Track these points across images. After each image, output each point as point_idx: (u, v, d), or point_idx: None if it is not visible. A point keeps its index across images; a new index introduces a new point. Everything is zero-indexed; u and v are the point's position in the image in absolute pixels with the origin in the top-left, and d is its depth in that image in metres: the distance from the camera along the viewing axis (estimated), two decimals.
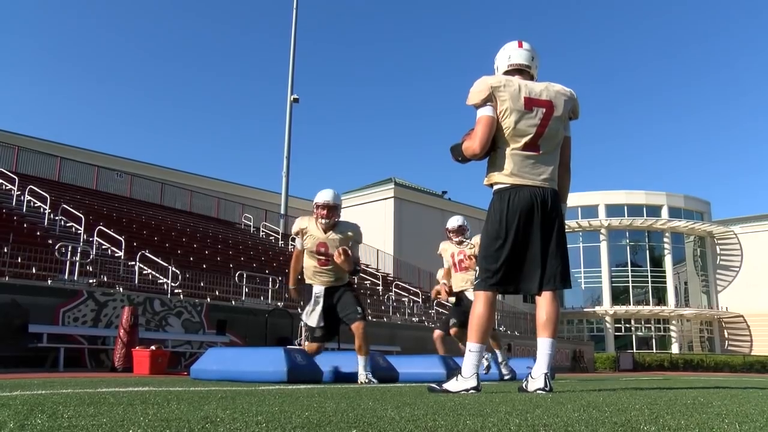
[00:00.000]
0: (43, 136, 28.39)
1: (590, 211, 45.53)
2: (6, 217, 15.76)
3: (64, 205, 17.07)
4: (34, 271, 12.01)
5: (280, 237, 26.67)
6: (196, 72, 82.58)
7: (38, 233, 14.88)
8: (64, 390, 3.20)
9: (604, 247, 45.08)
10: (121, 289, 12.40)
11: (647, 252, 45.72)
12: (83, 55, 77.24)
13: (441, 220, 40.22)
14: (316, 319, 5.46)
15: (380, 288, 23.84)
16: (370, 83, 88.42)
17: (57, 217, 16.64)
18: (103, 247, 15.26)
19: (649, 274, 45.07)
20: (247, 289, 15.62)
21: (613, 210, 45.51)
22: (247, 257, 20.00)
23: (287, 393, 3.16)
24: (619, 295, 45.05)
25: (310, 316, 5.48)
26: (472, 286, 6.62)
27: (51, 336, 10.13)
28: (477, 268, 3.51)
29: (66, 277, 12.10)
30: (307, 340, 5.62)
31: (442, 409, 2.09)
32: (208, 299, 14.03)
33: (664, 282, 44.81)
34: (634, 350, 39.72)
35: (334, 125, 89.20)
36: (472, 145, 3.43)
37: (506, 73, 3.54)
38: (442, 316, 8.44)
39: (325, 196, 5.47)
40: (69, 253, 12.58)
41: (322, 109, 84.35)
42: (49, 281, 11.54)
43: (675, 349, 42.46)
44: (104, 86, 79.03)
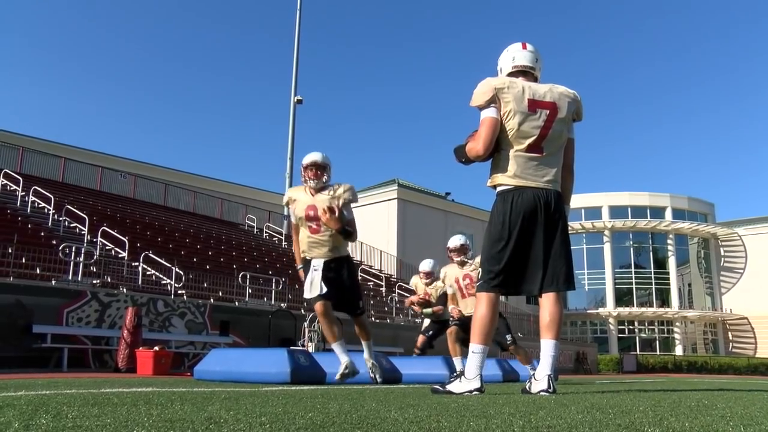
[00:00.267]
0: (47, 137, 28.53)
1: (594, 213, 45.46)
2: (10, 217, 15.81)
3: (68, 206, 17.12)
4: (38, 271, 12.05)
5: (283, 238, 26.68)
6: (200, 73, 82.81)
7: (42, 234, 14.92)
8: (68, 390, 3.21)
9: (608, 248, 45.00)
10: (125, 290, 12.43)
11: (651, 254, 45.61)
12: (87, 56, 77.52)
13: (444, 222, 40.17)
14: (318, 287, 4.90)
15: (383, 289, 23.82)
16: (373, 84, 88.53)
17: (61, 218, 16.68)
18: (107, 247, 15.30)
19: (653, 275, 44.97)
20: (250, 290, 15.64)
21: (617, 211, 45.43)
22: (250, 258, 20.02)
23: (290, 394, 3.16)
24: (623, 297, 44.95)
25: (311, 288, 4.92)
26: None
27: (55, 336, 10.16)
28: (479, 269, 3.51)
29: (70, 278, 12.13)
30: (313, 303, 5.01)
31: (446, 410, 2.09)
32: (212, 300, 14.05)
33: (668, 284, 44.70)
34: (638, 352, 39.63)
35: (337, 126, 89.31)
36: (476, 146, 3.43)
37: (510, 74, 3.54)
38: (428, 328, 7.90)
39: (312, 156, 5.00)
40: (73, 253, 12.61)
41: (326, 110, 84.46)
42: (53, 282, 11.58)
43: (679, 351, 42.34)
44: (108, 87, 79.27)
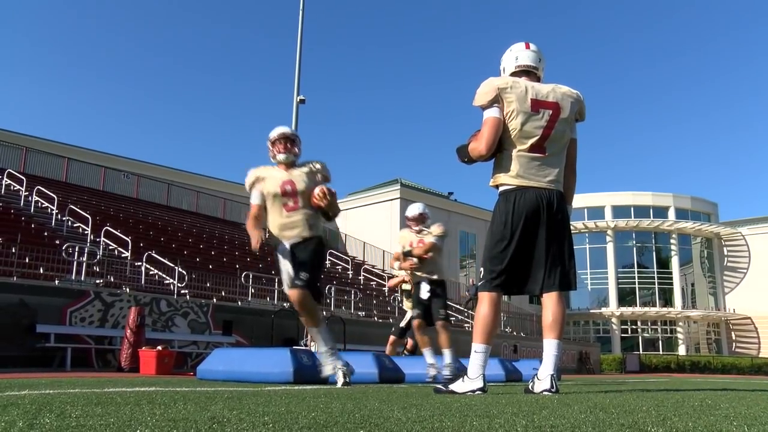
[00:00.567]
0: (51, 137, 28.52)
1: (597, 213, 45.40)
2: (14, 217, 15.85)
3: (72, 206, 17.15)
4: (41, 271, 12.08)
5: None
6: (202, 73, 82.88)
7: (46, 234, 14.96)
8: (72, 390, 3.21)
9: (611, 248, 44.93)
10: (128, 290, 12.45)
11: (654, 253, 45.53)
12: (90, 57, 77.65)
13: (447, 222, 40.08)
14: (292, 277, 4.47)
15: (386, 289, 23.82)
16: (376, 84, 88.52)
17: (64, 218, 16.72)
18: (110, 247, 15.33)
19: (656, 275, 44.89)
20: (253, 290, 15.66)
21: (620, 211, 45.36)
22: (253, 258, 20.03)
23: (293, 393, 3.16)
24: (626, 297, 44.89)
25: (290, 279, 4.51)
26: (426, 277, 6.47)
27: (58, 336, 10.18)
28: (482, 269, 3.51)
29: (73, 278, 12.16)
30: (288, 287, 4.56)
31: (449, 410, 2.09)
32: (215, 300, 14.06)
33: (671, 283, 44.62)
34: (641, 352, 39.59)
35: (340, 126, 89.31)
36: (479, 146, 3.43)
37: (513, 74, 3.54)
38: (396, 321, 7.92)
39: (281, 128, 4.59)
40: (76, 253, 12.64)
41: (328, 110, 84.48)
42: (57, 282, 11.60)
43: (682, 350, 42.27)
44: (110, 87, 79.39)
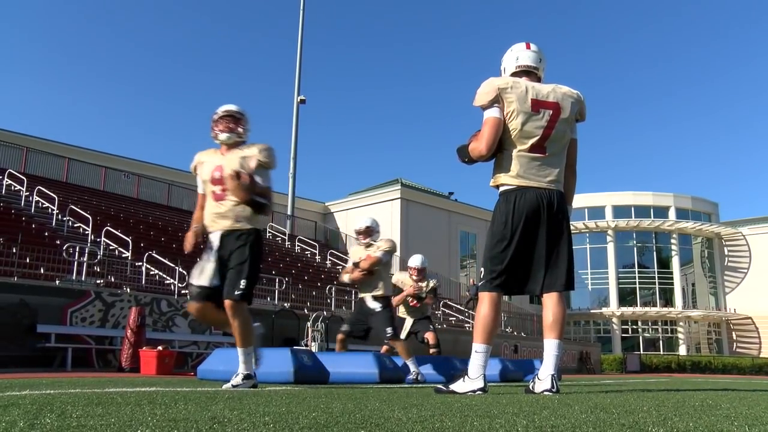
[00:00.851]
0: (51, 138, 28.50)
1: (597, 212, 45.38)
2: (14, 217, 15.86)
3: (72, 206, 17.15)
4: (42, 271, 12.08)
5: (286, 238, 26.71)
6: (203, 73, 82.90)
7: (46, 234, 14.96)
8: (73, 390, 3.22)
9: (611, 248, 44.91)
10: (129, 290, 12.44)
11: (654, 253, 45.51)
12: (90, 57, 77.67)
13: (448, 222, 40.02)
14: (208, 277, 4.03)
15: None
16: (376, 84, 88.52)
17: (65, 218, 16.72)
18: (111, 247, 15.32)
19: (657, 275, 44.87)
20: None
21: (621, 211, 45.34)
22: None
23: (294, 394, 3.16)
24: (626, 297, 44.87)
25: (201, 275, 4.05)
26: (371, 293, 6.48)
27: (59, 336, 10.17)
28: (482, 269, 3.51)
29: (74, 278, 12.16)
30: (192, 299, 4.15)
31: (450, 410, 2.09)
32: None
33: (672, 283, 44.60)
34: (641, 352, 39.56)
35: (340, 126, 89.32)
36: (479, 146, 3.43)
37: (514, 74, 3.54)
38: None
39: (226, 106, 4.17)
40: (77, 253, 12.64)
41: (329, 109, 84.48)
42: (57, 282, 11.60)
43: (682, 350, 42.25)
44: (111, 87, 79.41)
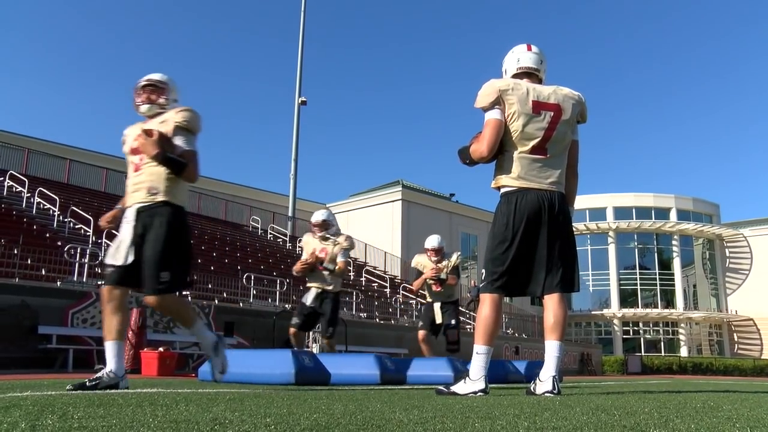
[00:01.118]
0: (53, 139, 28.54)
1: (598, 214, 45.38)
2: (16, 219, 15.87)
3: (73, 207, 17.17)
4: (43, 272, 12.09)
5: (288, 239, 26.72)
6: (204, 75, 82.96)
7: (47, 235, 14.97)
8: (74, 391, 3.22)
9: (612, 249, 44.90)
10: (130, 291, 12.44)
11: (656, 255, 45.49)
12: (91, 58, 77.75)
13: (449, 223, 40.07)
14: (123, 253, 3.59)
15: (388, 290, 23.83)
16: (377, 85, 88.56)
17: (66, 219, 16.74)
18: None
19: (658, 276, 44.85)
20: (254, 291, 15.66)
21: (622, 212, 45.34)
22: (254, 259, 20.05)
23: (295, 395, 3.16)
24: (628, 298, 44.85)
25: (116, 253, 3.62)
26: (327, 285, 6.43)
27: (60, 337, 10.18)
28: (483, 270, 3.51)
29: (75, 279, 12.17)
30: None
31: (451, 411, 2.09)
32: (216, 301, 14.06)
33: (673, 285, 44.58)
34: (643, 353, 39.53)
35: (341, 127, 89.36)
36: (480, 148, 3.44)
37: (515, 76, 3.55)
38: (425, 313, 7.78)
39: (148, 75, 3.79)
40: (78, 254, 12.65)
41: (330, 111, 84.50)
42: (59, 283, 11.61)
43: (684, 352, 42.21)
44: (112, 88, 79.46)
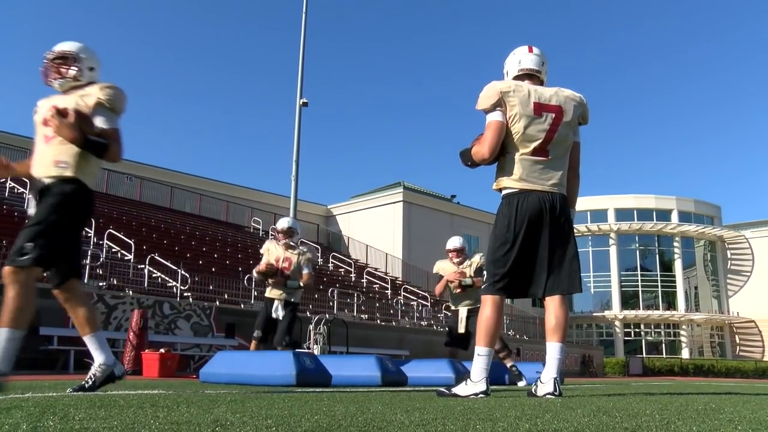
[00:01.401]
0: None
1: (599, 215, 45.36)
2: (18, 220, 15.88)
3: None
4: (44, 273, 12.08)
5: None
6: (205, 75, 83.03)
7: None
8: (75, 392, 3.22)
9: (614, 251, 44.87)
10: (131, 292, 12.46)
11: (657, 256, 45.46)
12: None
13: (450, 224, 40.10)
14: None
15: (389, 292, 23.82)
16: (378, 86, 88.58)
17: None
18: (113, 250, 15.35)
19: (659, 278, 44.80)
20: (255, 293, 15.65)
21: (623, 214, 45.30)
22: (256, 261, 19.94)
23: (296, 396, 3.16)
24: (629, 300, 44.80)
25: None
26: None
27: (61, 339, 10.19)
28: (485, 271, 3.51)
29: None
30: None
31: (452, 413, 2.08)
32: (217, 302, 14.07)
33: (674, 286, 44.53)
34: (644, 355, 39.46)
35: (342, 128, 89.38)
36: (481, 149, 3.44)
37: (516, 77, 3.55)
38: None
39: (58, 45, 3.37)
40: None
41: (331, 111, 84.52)
42: None
43: (685, 354, 42.15)
44: None
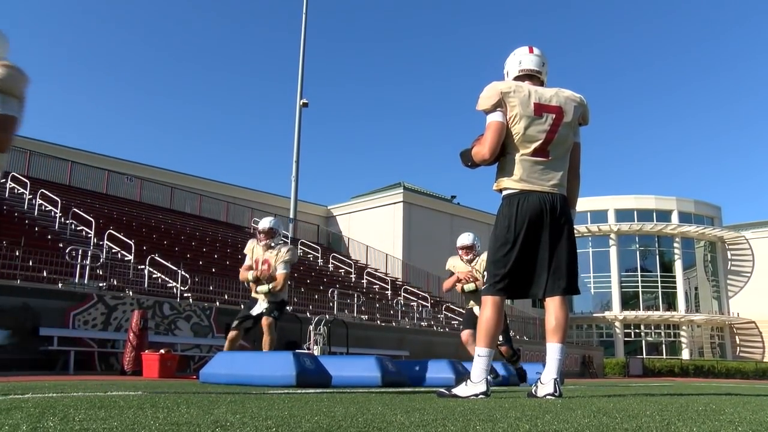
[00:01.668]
0: (54, 141, 28.57)
1: (600, 216, 45.36)
2: (18, 220, 15.89)
3: (75, 209, 17.18)
4: (45, 274, 12.09)
5: (289, 241, 26.71)
6: (206, 75, 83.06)
7: (49, 237, 14.98)
8: (75, 393, 3.21)
9: (614, 251, 44.86)
10: (131, 293, 12.45)
11: (657, 257, 45.46)
12: (92, 59, 77.85)
13: (450, 225, 40.18)
14: None
15: (389, 292, 23.81)
16: (379, 87, 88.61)
17: (68, 221, 16.74)
18: (113, 250, 15.34)
19: (659, 279, 44.80)
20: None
21: (623, 215, 45.31)
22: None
23: (296, 397, 3.16)
24: (629, 300, 44.80)
25: None
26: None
27: (61, 339, 10.17)
28: (485, 272, 3.50)
29: (76, 281, 12.16)
30: None
31: (452, 414, 2.08)
32: (217, 303, 14.06)
33: (674, 287, 44.52)
34: (644, 356, 39.46)
35: (342, 129, 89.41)
36: (482, 150, 3.44)
37: (516, 78, 3.55)
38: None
39: None
40: (79, 256, 12.64)
41: (331, 112, 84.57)
42: (60, 285, 11.61)
43: (685, 355, 42.14)
44: (114, 91, 79.63)
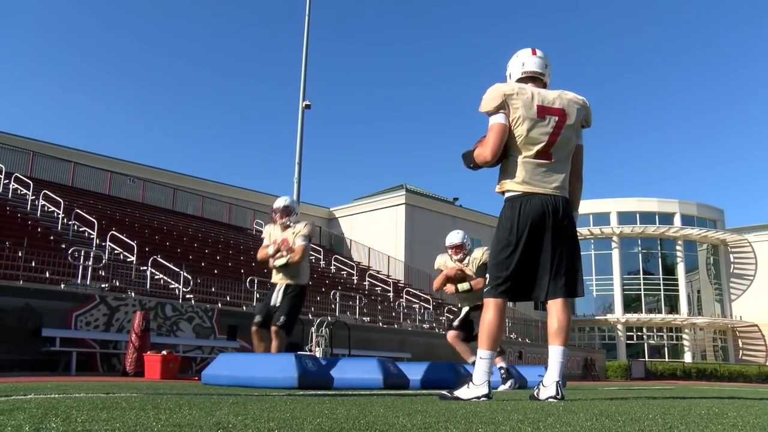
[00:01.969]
0: (57, 142, 28.65)
1: (602, 219, 45.30)
2: (20, 221, 15.92)
3: (78, 210, 17.21)
4: (47, 275, 12.11)
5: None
6: (208, 77, 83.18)
7: (52, 238, 15.01)
8: (77, 394, 3.22)
9: (616, 254, 44.79)
10: (133, 294, 12.47)
11: (659, 260, 45.38)
12: (95, 59, 77.99)
13: (452, 227, 40.16)
14: None
15: (391, 294, 23.81)
16: (381, 89, 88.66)
17: (70, 222, 16.78)
18: (116, 251, 15.37)
19: (662, 282, 44.72)
20: (258, 295, 15.65)
21: (625, 217, 45.24)
22: (258, 263, 20.02)
23: (298, 399, 3.16)
24: (631, 303, 44.72)
25: None
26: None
27: (64, 340, 10.20)
28: (487, 274, 3.50)
29: (79, 282, 12.18)
30: None
31: (454, 416, 2.08)
32: (219, 305, 14.07)
33: (677, 290, 44.44)
34: (646, 359, 39.38)
35: (345, 130, 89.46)
36: (484, 152, 3.43)
37: (519, 80, 3.54)
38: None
39: None
40: (82, 257, 12.67)
41: (333, 113, 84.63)
42: (62, 285, 11.63)
43: (688, 358, 42.05)
44: (116, 92, 79.79)
